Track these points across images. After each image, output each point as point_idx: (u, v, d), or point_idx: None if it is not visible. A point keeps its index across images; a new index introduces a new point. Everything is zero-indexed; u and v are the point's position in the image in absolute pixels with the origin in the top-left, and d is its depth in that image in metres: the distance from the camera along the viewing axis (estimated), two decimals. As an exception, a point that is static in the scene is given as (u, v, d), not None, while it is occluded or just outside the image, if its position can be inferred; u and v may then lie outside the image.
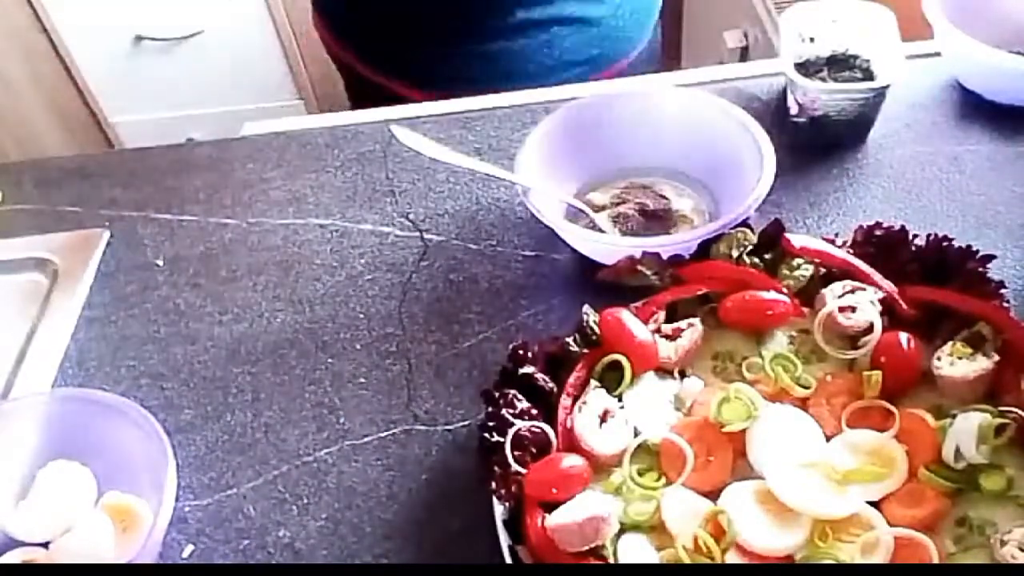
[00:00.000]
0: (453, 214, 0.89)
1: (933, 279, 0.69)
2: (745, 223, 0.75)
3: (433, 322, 0.81)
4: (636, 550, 0.59)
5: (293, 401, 0.77)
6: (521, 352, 0.67)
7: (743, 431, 0.63)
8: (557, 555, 0.59)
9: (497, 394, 0.65)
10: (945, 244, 0.70)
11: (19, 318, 0.85)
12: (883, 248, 0.71)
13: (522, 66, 1.07)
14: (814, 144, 0.90)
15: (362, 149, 0.97)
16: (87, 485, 0.67)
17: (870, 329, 0.67)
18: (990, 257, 0.69)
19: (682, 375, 0.69)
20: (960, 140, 0.91)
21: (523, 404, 0.65)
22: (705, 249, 0.73)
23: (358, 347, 0.80)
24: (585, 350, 0.69)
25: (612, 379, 0.67)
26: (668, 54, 1.24)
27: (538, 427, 0.64)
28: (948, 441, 0.60)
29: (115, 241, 0.91)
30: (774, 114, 0.94)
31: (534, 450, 0.64)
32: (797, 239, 0.72)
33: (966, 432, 0.59)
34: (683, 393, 0.68)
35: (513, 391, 0.65)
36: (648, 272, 0.73)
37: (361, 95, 1.19)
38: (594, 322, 0.69)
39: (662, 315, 0.71)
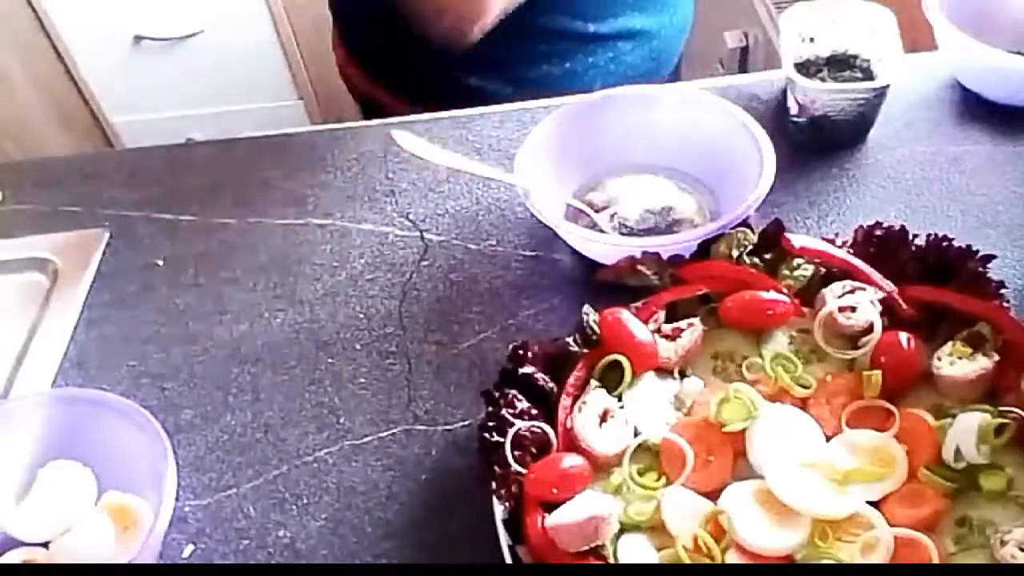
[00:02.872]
0: (453, 214, 0.89)
1: (933, 279, 0.69)
2: (745, 223, 0.75)
3: (433, 322, 0.81)
4: (636, 550, 0.59)
5: (293, 401, 0.77)
6: (521, 352, 0.67)
7: (743, 431, 0.63)
8: (557, 555, 0.59)
9: (497, 394, 0.65)
10: (945, 244, 0.70)
11: (19, 318, 0.85)
12: (883, 248, 0.71)
13: (588, 87, 1.02)
14: (814, 144, 0.90)
15: (362, 149, 0.97)
16: (87, 485, 0.67)
17: (870, 329, 0.67)
18: (990, 257, 0.69)
19: (682, 375, 0.69)
20: (960, 140, 0.91)
21: (523, 404, 0.65)
22: (705, 249, 0.73)
23: (358, 347, 0.80)
24: (585, 350, 0.69)
25: (612, 379, 0.67)
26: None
27: (538, 427, 0.64)
28: (948, 441, 0.60)
29: (115, 241, 0.91)
30: (774, 114, 0.94)
31: (534, 450, 0.64)
32: (797, 239, 0.72)
33: (966, 432, 0.59)
34: (683, 393, 0.68)
35: (513, 391, 0.65)
36: (648, 272, 0.73)
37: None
38: (594, 322, 0.69)
39: (662, 315, 0.71)
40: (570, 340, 0.69)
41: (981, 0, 0.96)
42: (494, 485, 0.61)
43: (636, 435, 0.64)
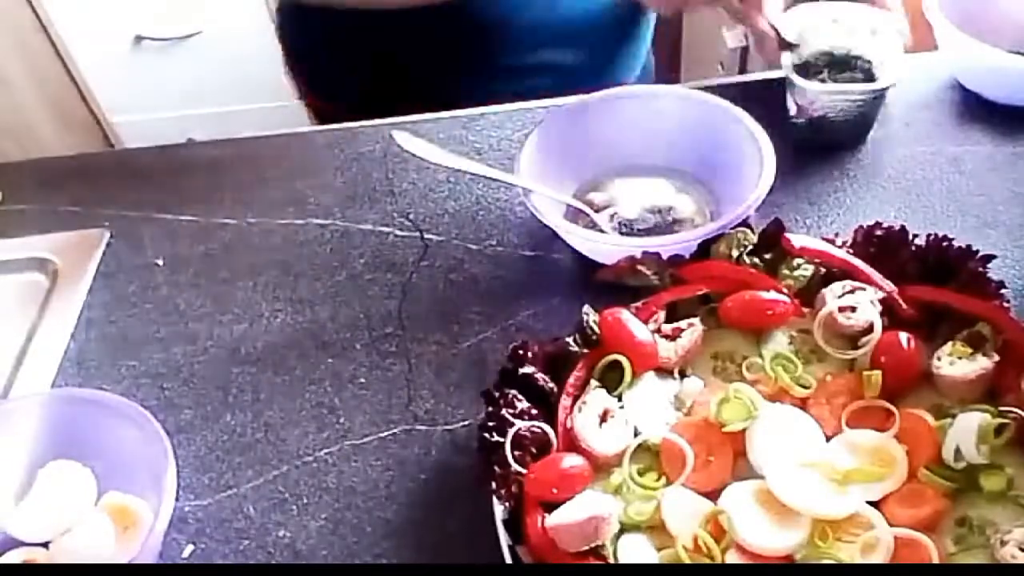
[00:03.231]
0: (453, 214, 0.89)
1: (933, 279, 0.69)
2: (745, 223, 0.75)
3: (433, 322, 0.81)
4: (636, 550, 0.59)
5: (293, 401, 0.77)
6: (521, 352, 0.67)
7: (743, 431, 0.63)
8: (557, 555, 0.59)
9: (497, 394, 0.65)
10: (945, 244, 0.70)
11: (19, 318, 0.85)
12: (883, 248, 0.71)
13: None
14: (813, 145, 0.90)
15: (362, 149, 0.97)
16: (87, 485, 0.67)
17: (870, 329, 0.67)
18: (990, 257, 0.69)
19: (682, 375, 0.69)
20: (960, 140, 0.91)
21: (523, 404, 0.65)
22: (705, 249, 0.73)
23: (358, 347, 0.80)
24: (585, 350, 0.69)
25: (612, 379, 0.67)
26: (667, 54, 1.23)
27: (538, 427, 0.64)
28: (948, 441, 0.60)
29: (115, 241, 0.91)
30: (774, 114, 0.94)
31: (534, 450, 0.64)
32: (797, 239, 0.72)
33: (966, 432, 0.59)
34: (683, 393, 0.68)
35: (513, 391, 0.65)
36: (648, 272, 0.73)
37: None
38: (594, 322, 0.69)
39: (662, 315, 0.71)
40: (570, 340, 0.69)
41: (981, 0, 0.96)
42: (494, 485, 0.61)
43: (636, 435, 0.64)
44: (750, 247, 0.73)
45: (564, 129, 0.86)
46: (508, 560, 0.60)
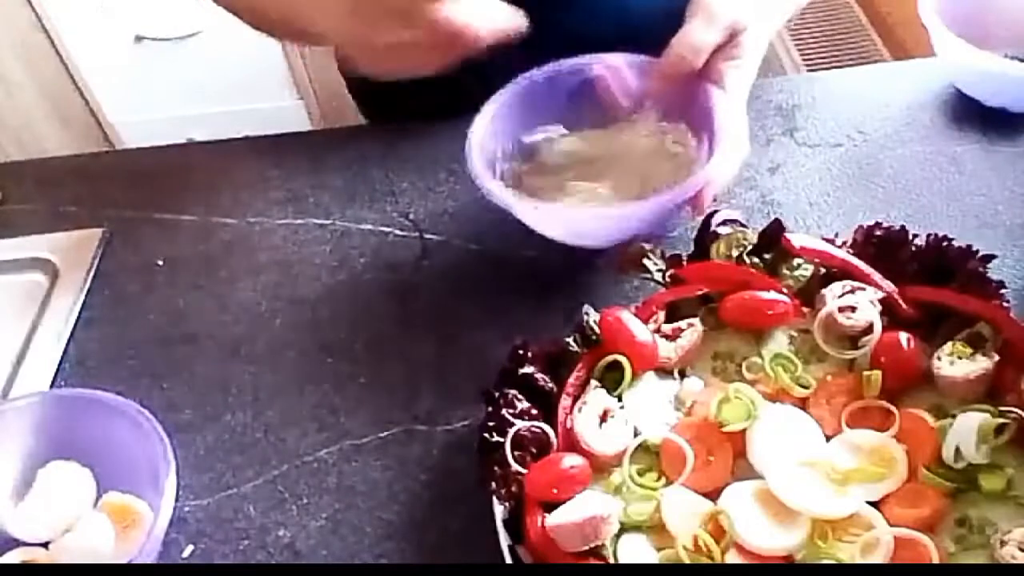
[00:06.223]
0: (453, 214, 0.89)
1: (933, 279, 0.69)
2: (743, 224, 0.74)
3: (433, 322, 0.81)
4: (636, 550, 0.59)
5: (293, 401, 0.77)
6: (521, 352, 0.67)
7: (743, 431, 0.63)
8: (557, 555, 0.59)
9: (497, 394, 0.65)
10: (945, 244, 0.70)
11: (19, 318, 0.85)
12: (883, 248, 0.71)
13: None
14: None
15: (362, 149, 0.97)
16: (87, 485, 0.67)
17: (870, 329, 0.66)
18: (990, 257, 0.69)
19: (682, 375, 0.69)
20: (960, 140, 0.91)
21: (523, 404, 0.65)
22: (705, 249, 0.73)
23: (358, 347, 0.80)
24: (585, 350, 0.69)
25: (612, 379, 0.67)
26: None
27: (538, 427, 0.64)
28: (948, 441, 0.60)
29: (115, 241, 0.91)
30: (778, 114, 0.94)
31: (534, 450, 0.64)
32: (797, 239, 0.72)
33: (966, 432, 0.59)
34: (683, 393, 0.68)
35: (513, 391, 0.65)
36: (656, 265, 0.73)
37: None
38: (594, 322, 0.69)
39: (662, 315, 0.71)
40: (570, 340, 0.69)
41: (978, 5, 0.95)
42: (494, 485, 0.61)
43: (636, 435, 0.64)
44: (750, 247, 0.73)
45: (517, 102, 0.82)
46: (508, 560, 0.60)
